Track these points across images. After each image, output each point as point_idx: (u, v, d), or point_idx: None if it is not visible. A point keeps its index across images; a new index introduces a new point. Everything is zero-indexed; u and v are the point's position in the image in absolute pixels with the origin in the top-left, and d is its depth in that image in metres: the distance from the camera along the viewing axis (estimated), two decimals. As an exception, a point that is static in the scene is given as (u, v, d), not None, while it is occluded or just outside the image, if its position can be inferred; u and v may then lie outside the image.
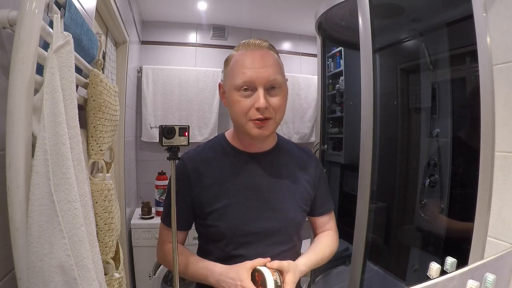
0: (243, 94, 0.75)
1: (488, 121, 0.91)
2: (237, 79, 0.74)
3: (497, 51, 0.89)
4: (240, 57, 0.76)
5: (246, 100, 0.75)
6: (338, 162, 2.27)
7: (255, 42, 0.78)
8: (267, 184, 0.83)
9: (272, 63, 0.77)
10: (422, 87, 1.64)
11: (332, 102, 2.33)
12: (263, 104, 0.73)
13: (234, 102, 0.76)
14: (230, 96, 0.77)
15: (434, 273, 0.86)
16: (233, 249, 0.80)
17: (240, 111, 0.75)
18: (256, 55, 0.76)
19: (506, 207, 0.88)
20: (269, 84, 0.75)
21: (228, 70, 0.79)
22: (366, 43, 1.34)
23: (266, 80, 0.74)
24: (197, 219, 0.84)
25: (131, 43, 1.91)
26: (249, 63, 0.75)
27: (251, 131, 0.76)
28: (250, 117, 0.75)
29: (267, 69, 0.75)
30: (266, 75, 0.74)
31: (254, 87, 0.74)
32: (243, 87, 0.74)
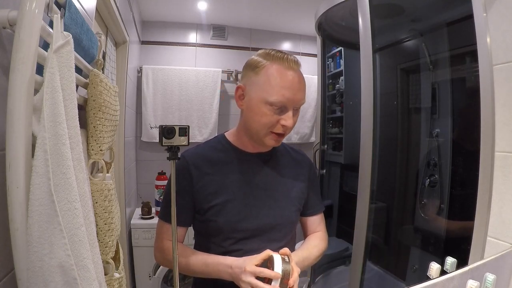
0: (273, 110, 0.77)
1: (488, 121, 0.91)
2: (273, 96, 0.76)
3: (497, 51, 0.89)
4: (278, 73, 0.77)
5: (274, 115, 0.78)
6: (338, 162, 2.27)
7: (294, 60, 0.79)
8: (265, 183, 0.87)
9: (304, 86, 0.81)
10: (422, 87, 1.64)
11: (332, 102, 2.33)
12: (291, 124, 0.78)
13: (262, 114, 0.78)
14: (258, 106, 0.78)
15: (434, 273, 0.87)
16: (230, 244, 0.82)
17: (266, 123, 0.79)
18: (295, 77, 0.78)
19: (506, 207, 0.88)
20: (298, 106, 0.80)
21: (260, 81, 0.78)
22: (366, 43, 1.34)
23: (299, 103, 0.79)
24: (196, 215, 0.86)
25: (131, 43, 1.91)
26: (289, 85, 0.77)
27: (268, 142, 0.82)
28: (273, 129, 0.80)
29: (302, 93, 0.79)
30: (299, 99, 0.79)
31: (286, 107, 0.78)
32: (276, 105, 0.77)
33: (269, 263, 0.72)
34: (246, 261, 0.73)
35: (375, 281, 1.74)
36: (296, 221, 0.92)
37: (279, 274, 0.68)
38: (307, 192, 0.93)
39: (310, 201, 0.94)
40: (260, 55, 0.81)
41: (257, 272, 0.69)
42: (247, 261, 0.72)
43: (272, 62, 0.78)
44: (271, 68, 0.77)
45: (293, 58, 0.79)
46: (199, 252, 0.84)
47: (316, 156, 2.08)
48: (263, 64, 0.79)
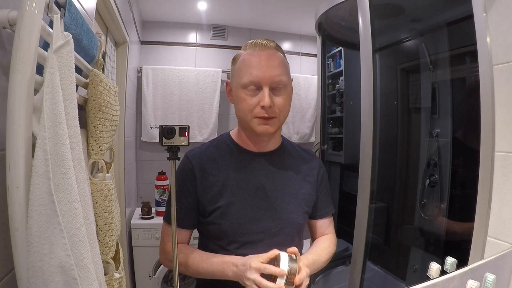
0: (249, 93, 0.77)
1: (488, 121, 0.91)
2: (244, 78, 0.77)
3: (497, 51, 0.89)
4: (247, 57, 0.79)
5: (252, 98, 0.77)
6: (338, 162, 2.27)
7: (262, 42, 0.80)
8: (271, 184, 0.84)
9: (278, 63, 0.79)
10: (422, 87, 1.64)
11: (332, 102, 2.33)
12: (268, 102, 0.75)
13: (240, 99, 0.78)
14: (237, 94, 0.79)
15: (434, 273, 0.87)
16: (235, 248, 0.80)
17: (246, 108, 0.78)
18: (263, 55, 0.78)
19: (506, 207, 0.88)
20: (275, 84, 0.77)
21: (235, 69, 0.81)
22: (366, 43, 1.34)
23: (271, 80, 0.76)
24: (200, 217, 0.84)
25: (131, 43, 1.91)
26: (256, 63, 0.77)
27: (256, 127, 0.79)
28: (255, 114, 0.78)
29: (273, 70, 0.77)
30: (272, 75, 0.76)
31: (260, 86, 0.76)
32: (249, 86, 0.76)
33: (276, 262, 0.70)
34: (251, 258, 0.71)
35: (375, 281, 1.74)
36: (304, 224, 0.88)
37: (284, 272, 0.67)
38: (316, 193, 0.90)
39: (319, 203, 0.91)
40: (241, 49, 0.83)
41: (262, 269, 0.68)
42: (253, 258, 0.71)
43: (245, 50, 0.81)
44: (243, 55, 0.80)
45: (263, 41, 0.80)
46: (204, 252, 0.82)
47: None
48: (239, 55, 0.82)
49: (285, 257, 0.69)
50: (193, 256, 0.80)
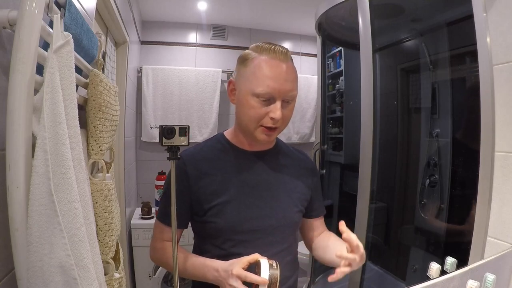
0: (260, 102, 0.76)
1: (488, 121, 0.91)
2: (259, 87, 0.74)
3: (497, 51, 0.89)
4: (264, 64, 0.75)
5: (262, 108, 0.76)
6: (338, 162, 2.27)
7: (281, 51, 0.77)
8: (266, 183, 0.84)
9: (294, 77, 0.78)
10: (422, 87, 1.64)
11: (332, 102, 2.33)
12: (279, 116, 0.75)
13: (249, 106, 0.76)
14: (246, 99, 0.77)
15: (434, 273, 0.87)
16: (230, 246, 0.80)
17: (254, 116, 0.77)
18: (282, 67, 0.76)
19: (506, 207, 0.88)
20: (287, 98, 0.77)
21: (248, 72, 0.77)
22: (366, 43, 1.34)
23: (286, 94, 0.76)
24: (194, 217, 0.84)
25: (131, 43, 1.91)
26: (275, 75, 0.75)
27: (259, 136, 0.79)
28: (262, 123, 0.77)
29: (290, 84, 0.76)
30: (287, 90, 0.76)
31: (274, 98, 0.75)
32: (262, 96, 0.75)
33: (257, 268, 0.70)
34: (233, 264, 0.71)
35: (375, 281, 1.74)
36: (299, 222, 0.89)
37: (266, 280, 0.67)
38: (310, 193, 0.91)
39: (315, 202, 0.92)
40: (251, 48, 0.80)
41: (243, 277, 0.68)
42: (234, 264, 0.71)
43: (260, 54, 0.77)
44: (258, 60, 0.76)
45: (281, 49, 0.77)
46: (190, 253, 0.83)
47: (316, 156, 2.08)
48: (251, 56, 0.78)
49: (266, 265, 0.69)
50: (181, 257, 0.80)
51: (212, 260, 0.77)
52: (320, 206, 0.94)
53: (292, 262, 0.87)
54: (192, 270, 0.79)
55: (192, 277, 0.81)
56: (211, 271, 0.74)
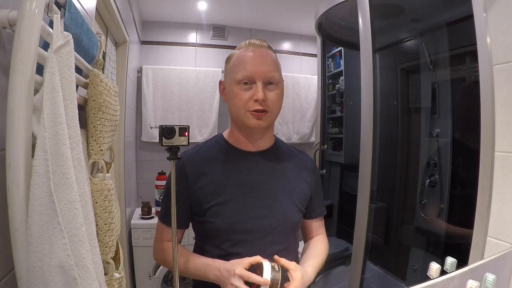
0: (243, 88, 0.80)
1: (488, 121, 0.91)
2: (238, 74, 0.80)
3: (497, 51, 0.89)
4: (242, 54, 0.82)
5: (246, 92, 0.80)
6: (338, 162, 2.27)
7: (255, 42, 0.84)
8: (265, 183, 0.84)
9: (271, 61, 0.82)
10: (422, 87, 1.64)
11: (332, 102, 2.33)
12: (261, 95, 0.78)
13: (234, 95, 0.81)
14: (231, 90, 0.82)
15: (434, 273, 0.87)
16: (229, 246, 0.80)
17: (240, 102, 0.80)
18: (257, 53, 0.81)
19: (506, 207, 0.88)
20: (267, 80, 0.80)
21: (230, 67, 0.84)
22: (366, 43, 1.34)
23: (265, 75, 0.80)
24: (194, 217, 0.85)
25: (131, 43, 1.91)
26: (250, 60, 0.80)
27: (249, 121, 0.80)
28: (248, 108, 0.80)
29: (267, 66, 0.81)
30: (265, 70, 0.80)
31: (254, 81, 0.79)
32: (243, 81, 0.79)
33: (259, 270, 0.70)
34: (235, 264, 0.72)
35: (375, 281, 1.74)
36: (299, 222, 0.89)
37: (268, 281, 0.67)
38: (310, 194, 0.90)
39: (314, 202, 0.92)
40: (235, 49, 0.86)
41: (246, 277, 0.69)
42: (236, 264, 0.71)
43: (239, 49, 0.84)
44: (237, 53, 0.84)
45: (256, 41, 0.84)
46: (191, 253, 0.84)
47: (316, 156, 2.08)
48: (233, 54, 0.85)
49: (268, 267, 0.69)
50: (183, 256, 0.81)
51: (214, 260, 0.78)
52: (320, 206, 0.94)
53: None
54: (193, 270, 0.79)
55: (193, 277, 0.82)
56: (213, 271, 0.75)
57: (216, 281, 0.74)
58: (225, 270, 0.72)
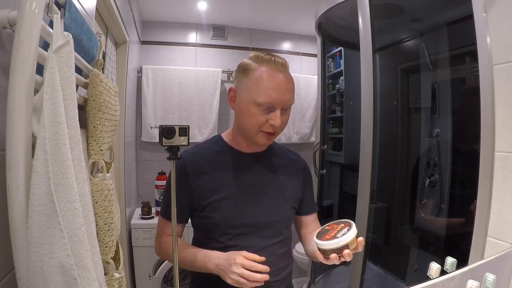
0: (261, 110, 0.81)
1: (488, 121, 0.91)
2: (261, 97, 0.80)
3: (497, 51, 0.89)
4: (266, 75, 0.81)
5: (263, 115, 0.81)
6: (338, 162, 2.27)
7: (281, 62, 0.82)
8: (260, 182, 0.90)
9: (293, 87, 0.84)
10: (422, 87, 1.64)
11: (332, 102, 2.33)
12: (279, 124, 0.81)
13: (250, 114, 0.82)
14: (247, 107, 0.82)
15: (434, 273, 0.87)
16: (227, 240, 0.85)
17: (255, 123, 0.82)
18: (282, 79, 0.81)
19: (506, 207, 0.88)
20: (286, 106, 0.83)
21: (249, 82, 0.82)
22: (366, 43, 1.34)
23: (286, 103, 0.82)
24: (194, 212, 0.89)
25: (131, 43, 1.91)
26: (276, 86, 0.80)
27: (260, 140, 0.85)
28: (263, 129, 0.83)
29: (289, 94, 0.82)
30: (287, 99, 0.82)
31: (273, 107, 0.81)
32: (264, 105, 0.80)
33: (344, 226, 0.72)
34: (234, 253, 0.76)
35: (375, 281, 1.74)
36: (291, 219, 0.94)
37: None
38: (303, 191, 0.96)
39: (306, 200, 0.97)
40: (250, 58, 0.85)
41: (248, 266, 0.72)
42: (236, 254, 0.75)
43: (261, 65, 0.82)
44: (259, 70, 0.81)
45: (281, 60, 0.82)
46: (191, 246, 0.89)
47: (316, 156, 2.08)
48: (252, 67, 0.82)
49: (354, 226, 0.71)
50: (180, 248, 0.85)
51: (213, 251, 0.82)
52: (311, 203, 1.00)
53: (285, 254, 0.92)
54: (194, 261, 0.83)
55: (193, 268, 0.86)
56: (213, 260, 0.79)
57: (216, 271, 0.78)
58: (224, 259, 0.77)
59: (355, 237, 0.69)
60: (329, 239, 0.69)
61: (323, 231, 0.74)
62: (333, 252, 0.69)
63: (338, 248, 0.68)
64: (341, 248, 0.68)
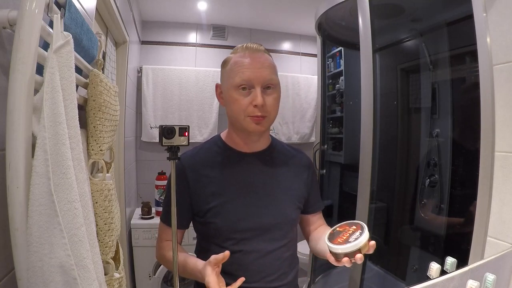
0: (241, 93, 0.79)
1: (488, 121, 0.91)
2: (236, 78, 0.79)
3: (497, 51, 0.89)
4: (239, 58, 0.81)
5: (244, 98, 0.79)
6: (338, 162, 2.27)
7: (252, 46, 0.83)
8: (263, 182, 0.87)
9: (269, 64, 0.82)
10: (422, 87, 1.64)
11: (332, 102, 2.33)
12: (260, 101, 0.78)
13: (233, 100, 0.80)
14: (229, 94, 0.81)
15: (434, 273, 0.87)
16: (231, 245, 0.82)
17: (239, 108, 0.80)
18: (254, 57, 0.81)
19: (506, 207, 0.88)
20: (266, 84, 0.80)
21: (227, 71, 0.83)
22: (366, 43, 1.34)
23: (263, 79, 0.79)
24: (195, 217, 0.87)
25: (131, 43, 1.91)
26: (248, 64, 0.79)
27: (249, 126, 0.81)
28: (247, 113, 0.80)
29: (265, 70, 0.80)
30: (263, 75, 0.79)
31: (252, 86, 0.79)
32: (241, 86, 0.79)
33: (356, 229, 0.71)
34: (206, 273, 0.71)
35: (375, 281, 1.74)
36: (297, 219, 0.91)
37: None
38: (308, 190, 0.92)
39: (312, 198, 0.94)
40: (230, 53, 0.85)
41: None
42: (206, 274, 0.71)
43: (235, 53, 0.83)
44: (234, 58, 0.82)
45: (254, 45, 0.82)
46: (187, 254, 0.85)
47: (316, 156, 2.08)
48: (229, 58, 0.84)
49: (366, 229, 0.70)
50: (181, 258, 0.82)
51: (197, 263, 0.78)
52: (318, 201, 0.96)
53: (291, 258, 0.89)
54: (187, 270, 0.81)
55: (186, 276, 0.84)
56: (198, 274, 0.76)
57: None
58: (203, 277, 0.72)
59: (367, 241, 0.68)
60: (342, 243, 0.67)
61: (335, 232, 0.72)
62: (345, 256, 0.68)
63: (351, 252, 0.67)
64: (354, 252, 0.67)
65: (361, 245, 0.67)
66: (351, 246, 0.66)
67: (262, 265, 0.75)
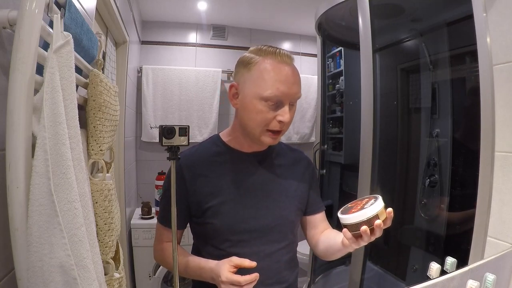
0: (268, 106, 0.75)
1: (488, 121, 0.91)
2: (267, 91, 0.74)
3: (497, 51, 0.89)
4: (271, 68, 0.75)
5: (270, 111, 0.76)
6: (338, 162, 2.27)
7: (286, 54, 0.77)
8: (262, 183, 0.85)
9: (299, 80, 0.78)
10: (422, 87, 1.64)
11: (332, 102, 2.33)
12: (288, 119, 0.76)
13: (257, 110, 0.76)
14: (252, 103, 0.76)
15: (434, 273, 0.87)
16: (228, 247, 0.81)
17: (261, 120, 0.76)
18: (289, 71, 0.76)
19: (506, 207, 0.88)
20: (294, 101, 0.78)
21: (253, 76, 0.76)
22: (366, 43, 1.34)
23: (294, 97, 0.77)
24: (193, 218, 0.85)
25: (131, 43, 1.91)
26: (283, 78, 0.74)
27: (265, 139, 0.79)
28: (269, 127, 0.77)
29: (297, 86, 0.77)
30: (295, 92, 0.76)
31: (282, 102, 0.75)
32: (271, 100, 0.75)
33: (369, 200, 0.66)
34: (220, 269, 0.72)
35: (375, 281, 1.74)
36: (297, 221, 0.89)
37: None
38: (308, 190, 0.90)
39: (312, 198, 0.92)
40: (252, 52, 0.79)
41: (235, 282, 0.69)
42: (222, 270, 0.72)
43: (265, 57, 0.76)
44: (263, 63, 0.76)
45: (286, 52, 0.77)
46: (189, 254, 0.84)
47: (316, 156, 2.08)
48: (255, 60, 0.77)
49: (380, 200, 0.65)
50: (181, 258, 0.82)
51: (207, 261, 0.78)
52: (319, 201, 0.94)
53: (290, 260, 0.87)
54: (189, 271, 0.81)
55: (191, 277, 0.83)
56: (207, 273, 0.76)
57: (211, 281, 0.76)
58: (215, 275, 0.73)
59: (384, 208, 0.63)
60: (357, 212, 0.62)
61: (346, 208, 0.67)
62: (363, 224, 0.61)
63: (369, 219, 0.61)
64: (372, 219, 0.61)
65: (378, 210, 0.61)
66: (366, 212, 0.61)
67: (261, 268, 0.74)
